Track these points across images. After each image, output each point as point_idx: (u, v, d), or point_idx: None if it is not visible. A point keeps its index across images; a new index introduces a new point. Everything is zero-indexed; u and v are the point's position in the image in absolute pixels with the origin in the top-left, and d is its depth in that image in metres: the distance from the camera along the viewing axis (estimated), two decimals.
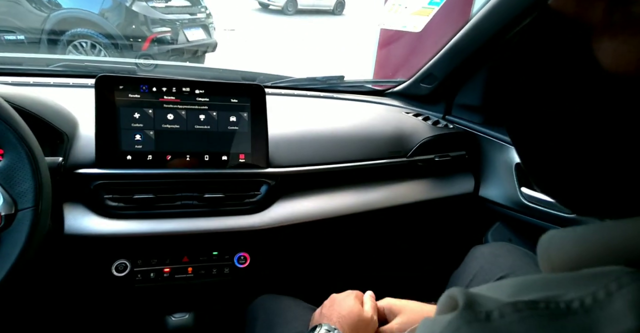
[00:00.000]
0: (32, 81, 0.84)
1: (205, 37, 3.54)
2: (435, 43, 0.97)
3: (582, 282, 0.17)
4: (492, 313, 0.17)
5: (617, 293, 0.16)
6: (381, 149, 0.93)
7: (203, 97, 0.75)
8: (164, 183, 0.72)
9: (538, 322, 0.16)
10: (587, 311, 0.16)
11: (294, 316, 0.72)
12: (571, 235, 0.22)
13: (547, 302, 0.17)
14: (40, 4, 3.09)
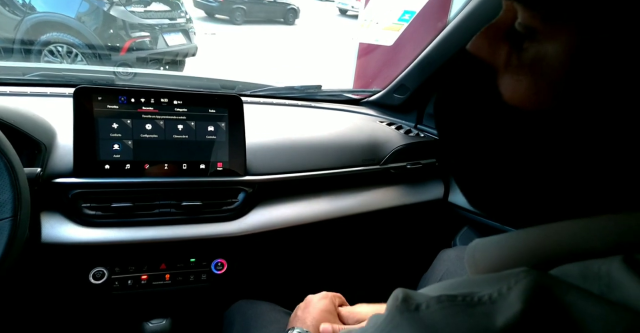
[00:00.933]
0: (8, 91, 0.85)
1: (185, 41, 3.52)
2: (412, 54, 1.02)
3: (495, 281, 0.21)
4: (420, 305, 0.21)
5: (515, 286, 0.19)
6: (355, 157, 0.96)
7: (181, 108, 0.77)
8: (142, 191, 0.74)
9: (454, 310, 0.20)
10: (493, 302, 0.19)
11: (270, 320, 0.74)
12: (491, 243, 0.26)
13: (464, 296, 0.20)
14: (13, 6, 3.02)
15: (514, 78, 0.24)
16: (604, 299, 0.18)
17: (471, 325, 0.19)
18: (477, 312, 0.19)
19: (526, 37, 0.24)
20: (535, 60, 0.23)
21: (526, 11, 0.23)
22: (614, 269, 0.18)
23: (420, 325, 0.20)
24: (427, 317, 0.20)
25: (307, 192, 0.90)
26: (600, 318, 0.17)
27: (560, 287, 0.19)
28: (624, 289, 0.18)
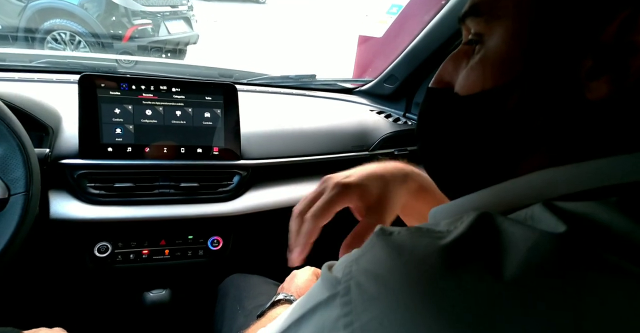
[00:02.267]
0: (17, 77, 0.90)
1: (187, 29, 3.54)
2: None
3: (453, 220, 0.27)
4: (393, 232, 0.27)
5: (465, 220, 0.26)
6: (345, 144, 1.01)
7: (179, 95, 0.82)
8: (143, 173, 0.79)
9: (417, 235, 0.26)
10: (448, 231, 0.26)
11: (261, 291, 0.80)
12: (450, 205, 0.33)
13: (428, 228, 0.27)
14: None
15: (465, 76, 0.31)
16: (526, 225, 0.24)
17: (427, 243, 0.25)
18: (434, 235, 0.25)
19: (476, 43, 0.31)
20: (482, 57, 0.30)
21: (474, 21, 0.30)
22: (537, 209, 0.25)
23: (389, 244, 0.26)
24: (397, 238, 0.26)
25: (299, 176, 0.96)
26: (520, 236, 0.23)
27: (499, 218, 0.25)
28: (539, 220, 0.24)
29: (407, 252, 0.25)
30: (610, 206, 0.23)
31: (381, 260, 0.26)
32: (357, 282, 0.25)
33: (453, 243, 0.24)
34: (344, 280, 0.26)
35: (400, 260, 0.25)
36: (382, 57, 1.12)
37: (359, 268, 0.26)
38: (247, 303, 0.78)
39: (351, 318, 0.24)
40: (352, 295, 0.25)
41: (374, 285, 0.24)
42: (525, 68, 0.28)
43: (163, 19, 3.31)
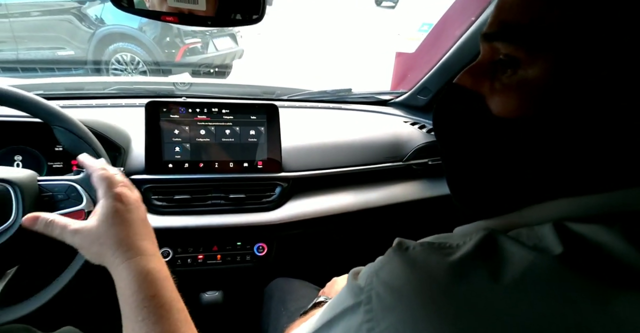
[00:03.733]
0: (94, 103, 1.04)
1: (233, 45, 3.76)
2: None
3: (462, 236, 0.31)
4: (409, 247, 0.31)
5: (473, 238, 0.29)
6: (380, 155, 1.07)
7: (228, 115, 0.92)
8: (198, 186, 0.90)
9: (430, 251, 0.30)
10: (457, 247, 0.29)
11: (303, 294, 0.87)
12: (469, 226, 0.36)
13: (440, 243, 0.31)
14: (88, 21, 3.42)
15: (503, 97, 0.32)
16: (525, 245, 0.27)
17: (437, 259, 0.29)
18: (444, 252, 0.29)
19: (509, 65, 0.31)
20: (521, 82, 0.30)
21: (510, 46, 0.31)
22: (546, 229, 0.28)
23: (405, 259, 0.30)
24: (412, 254, 0.31)
25: (336, 187, 1.02)
26: (519, 255, 0.27)
27: (503, 238, 0.28)
28: (545, 240, 0.27)
29: (420, 268, 0.29)
30: (613, 230, 0.26)
31: (397, 273, 0.30)
32: (377, 293, 0.30)
33: (459, 259, 0.28)
34: (366, 289, 0.31)
35: (413, 275, 0.29)
36: (416, 71, 1.17)
37: (379, 280, 0.31)
38: (290, 305, 0.84)
39: (372, 324, 0.29)
40: (373, 304, 0.30)
41: (390, 296, 0.29)
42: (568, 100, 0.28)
43: (211, 37, 3.54)
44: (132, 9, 0.68)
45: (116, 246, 0.47)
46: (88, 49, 3.38)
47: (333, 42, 6.68)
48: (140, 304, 0.43)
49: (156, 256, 0.49)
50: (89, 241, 0.48)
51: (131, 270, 0.45)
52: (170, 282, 0.48)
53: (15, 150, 0.86)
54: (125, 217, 0.49)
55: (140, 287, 0.44)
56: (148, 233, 0.51)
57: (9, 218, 0.61)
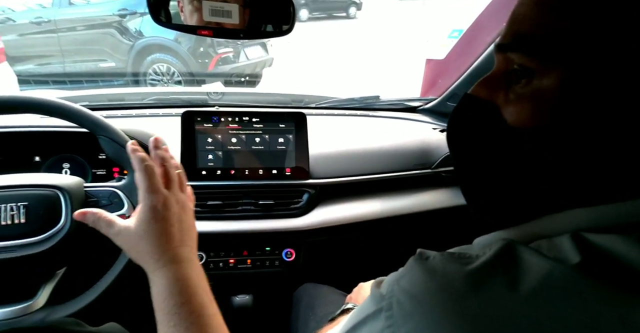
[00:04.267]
0: (134, 113, 1.11)
1: (263, 53, 3.86)
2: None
3: (482, 246, 0.32)
4: (429, 257, 0.32)
5: (492, 248, 0.30)
6: (408, 162, 1.06)
7: (258, 124, 0.95)
8: (229, 192, 0.93)
9: (449, 261, 0.31)
10: (476, 257, 0.30)
11: (331, 300, 0.88)
12: (489, 236, 0.37)
13: (459, 253, 0.31)
14: (128, 34, 3.63)
15: (517, 108, 0.33)
16: (544, 255, 0.28)
17: (456, 269, 0.30)
18: (463, 261, 0.30)
19: (523, 75, 0.32)
20: (535, 92, 0.32)
21: (524, 57, 0.31)
22: (564, 240, 0.28)
23: (425, 268, 0.31)
24: (431, 263, 0.31)
25: (363, 194, 1.03)
26: (536, 265, 0.27)
27: (521, 249, 0.29)
28: (564, 251, 0.28)
29: (439, 277, 0.30)
30: (630, 239, 0.26)
31: (417, 282, 0.31)
32: (397, 300, 0.31)
33: (477, 268, 0.29)
34: (387, 297, 0.32)
35: (433, 283, 0.30)
36: (446, 77, 1.16)
37: (400, 288, 0.32)
38: (318, 310, 0.85)
39: (393, 329, 0.30)
40: (393, 310, 0.31)
41: (410, 304, 0.30)
42: (582, 109, 0.29)
43: (243, 46, 3.65)
44: (170, 24, 0.72)
45: (151, 253, 0.48)
46: (128, 60, 3.57)
47: (360, 50, 6.70)
48: (171, 310, 0.45)
49: (191, 262, 0.50)
50: (129, 244, 0.50)
51: (163, 277, 0.47)
52: (202, 288, 0.48)
53: (64, 159, 0.93)
54: (163, 224, 0.49)
55: (171, 294, 0.46)
56: (185, 238, 0.51)
57: (59, 222, 0.66)
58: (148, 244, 0.48)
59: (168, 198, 0.51)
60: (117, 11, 3.67)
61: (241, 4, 0.70)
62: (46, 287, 0.67)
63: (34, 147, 0.91)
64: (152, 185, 0.50)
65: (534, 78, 0.31)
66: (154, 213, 0.49)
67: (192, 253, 0.52)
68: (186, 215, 0.53)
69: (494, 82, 0.35)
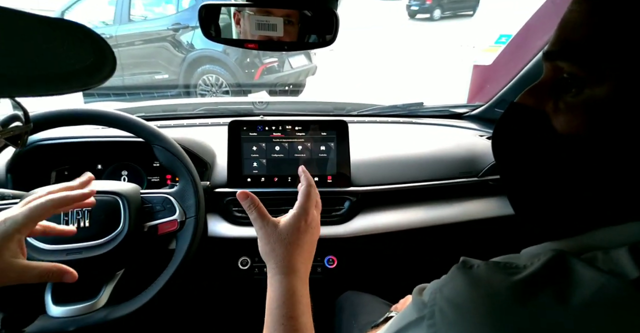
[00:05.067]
0: (185, 123, 1.17)
1: (307, 62, 3.93)
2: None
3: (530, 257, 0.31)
4: (473, 265, 0.32)
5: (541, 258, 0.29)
6: (453, 169, 1.03)
7: (301, 132, 0.98)
8: (273, 199, 0.95)
9: (494, 270, 0.30)
10: (523, 267, 0.29)
11: (373, 309, 0.87)
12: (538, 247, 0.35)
13: (505, 263, 0.31)
14: (181, 47, 3.85)
15: (568, 117, 0.32)
16: (598, 268, 0.27)
17: (501, 278, 0.29)
18: (509, 272, 0.30)
19: (573, 84, 0.31)
20: (587, 101, 0.31)
21: (574, 65, 0.31)
22: (621, 253, 0.27)
23: (468, 277, 0.31)
24: (476, 272, 0.31)
25: (406, 202, 1.01)
26: (590, 277, 0.26)
27: (574, 261, 0.28)
28: (621, 264, 0.27)
29: (483, 286, 0.30)
30: None
31: (461, 291, 0.31)
32: (440, 308, 0.31)
33: (525, 279, 0.28)
34: (429, 305, 0.32)
35: (476, 292, 0.29)
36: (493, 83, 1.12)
37: (442, 296, 0.32)
38: (361, 318, 0.85)
39: None
40: (436, 318, 0.31)
41: (453, 313, 0.30)
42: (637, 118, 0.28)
43: (287, 56, 3.75)
44: (219, 39, 0.76)
45: (281, 258, 0.53)
46: (180, 72, 3.79)
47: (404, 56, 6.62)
48: (280, 319, 0.49)
49: (305, 281, 0.55)
50: (266, 240, 0.55)
51: (282, 284, 0.51)
52: (309, 308, 0.53)
53: (123, 166, 1.00)
54: (301, 237, 0.55)
55: (284, 304, 0.50)
56: (309, 256, 0.57)
57: (118, 226, 0.71)
58: (282, 248, 0.53)
59: (315, 218, 0.58)
60: (171, 25, 3.91)
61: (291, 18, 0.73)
62: (107, 287, 0.72)
63: (97, 156, 0.99)
64: (308, 201, 0.59)
65: (585, 87, 0.30)
66: (300, 223, 0.56)
67: (307, 275, 0.57)
68: (316, 235, 0.59)
69: (542, 90, 0.34)
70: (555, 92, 0.33)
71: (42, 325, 0.66)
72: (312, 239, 0.57)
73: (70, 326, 0.67)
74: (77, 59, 0.25)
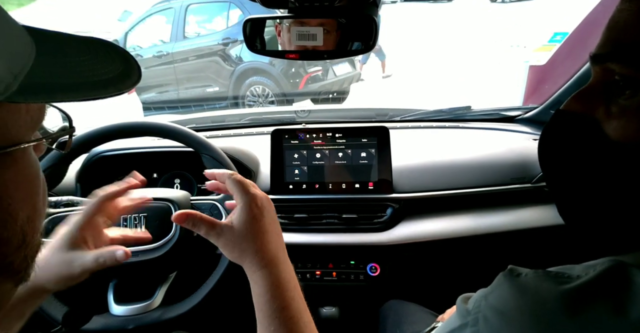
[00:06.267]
0: (232, 133, 1.23)
1: (351, 70, 3.95)
2: None
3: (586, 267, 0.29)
4: (521, 274, 0.31)
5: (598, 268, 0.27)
6: (503, 175, 0.98)
7: (341, 139, 0.98)
8: (314, 205, 0.97)
9: (544, 279, 0.29)
10: (577, 277, 0.28)
11: (418, 319, 0.85)
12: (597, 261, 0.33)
13: (557, 272, 0.29)
14: (230, 60, 4.05)
15: (622, 121, 0.30)
16: None
17: (550, 287, 0.28)
18: (559, 281, 0.28)
19: (627, 87, 0.30)
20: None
21: (626, 67, 0.30)
22: None
23: (515, 285, 0.30)
24: (523, 280, 0.30)
25: (453, 209, 0.98)
26: None
27: (635, 271, 0.26)
28: None
29: (530, 294, 0.28)
30: None
31: (506, 299, 0.30)
32: (484, 316, 0.30)
33: (577, 288, 0.26)
34: (473, 312, 0.32)
35: (522, 300, 0.28)
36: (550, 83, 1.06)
37: (487, 303, 0.31)
38: (405, 328, 0.84)
39: None
40: (479, 326, 0.30)
41: (498, 321, 0.29)
42: None
43: (331, 64, 3.80)
44: (263, 51, 0.79)
45: (253, 253, 0.49)
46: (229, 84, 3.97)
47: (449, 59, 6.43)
48: (272, 314, 0.47)
49: (287, 264, 0.51)
50: (232, 244, 0.50)
51: (266, 278, 0.48)
52: (299, 292, 0.50)
53: (176, 175, 1.07)
54: (262, 224, 0.50)
55: (273, 297, 0.47)
56: (280, 240, 0.53)
57: (170, 231, 0.75)
58: (250, 243, 0.49)
59: (261, 196, 0.52)
60: (221, 40, 4.12)
61: (327, 27, 0.75)
62: (161, 289, 0.77)
63: (153, 165, 1.06)
64: (245, 186, 0.51)
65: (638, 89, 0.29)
66: (252, 212, 0.50)
67: (286, 256, 0.53)
68: (274, 213, 0.54)
69: (592, 95, 0.33)
70: (607, 96, 0.32)
71: (105, 322, 0.72)
72: (273, 218, 0.52)
73: (130, 324, 0.72)
74: (110, 69, 0.29)
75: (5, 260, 0.28)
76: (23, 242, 0.29)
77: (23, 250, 0.30)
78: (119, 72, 0.29)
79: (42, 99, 0.28)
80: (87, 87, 0.27)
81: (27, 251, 0.30)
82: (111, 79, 0.29)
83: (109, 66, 0.29)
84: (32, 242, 0.31)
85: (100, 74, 0.28)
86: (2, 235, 0.28)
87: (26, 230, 0.29)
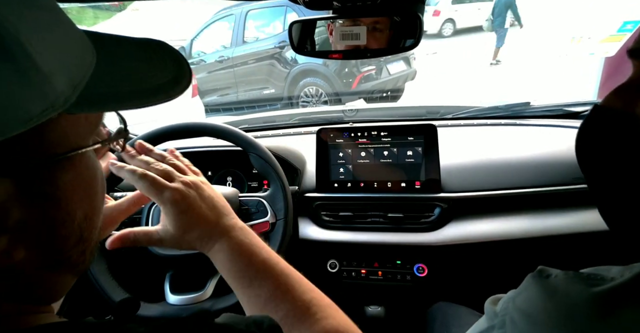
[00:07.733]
0: (281, 132, 1.27)
1: (406, 68, 3.86)
2: None
3: (621, 269, 0.27)
4: (551, 275, 0.30)
5: (633, 270, 0.26)
6: (564, 175, 0.91)
7: (386, 138, 0.97)
8: (359, 204, 0.97)
9: (575, 280, 0.28)
10: (611, 279, 0.26)
11: (467, 322, 0.82)
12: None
13: (589, 274, 0.28)
14: (285, 62, 4.17)
15: None
16: None
17: (580, 289, 0.27)
18: (591, 283, 0.27)
19: None
20: None
21: None
22: None
23: (543, 287, 0.29)
24: (552, 282, 0.29)
25: (506, 210, 0.92)
26: None
27: None
28: None
29: (559, 296, 0.27)
30: None
31: (534, 301, 0.29)
32: (511, 318, 0.30)
33: (609, 291, 0.25)
34: (500, 314, 0.31)
35: (550, 303, 0.28)
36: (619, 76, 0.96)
37: (514, 306, 0.30)
38: (454, 331, 0.81)
39: None
40: (506, 328, 0.30)
41: (525, 323, 0.28)
42: None
43: (385, 62, 3.75)
44: (308, 52, 0.82)
45: (199, 239, 0.49)
46: (285, 86, 4.09)
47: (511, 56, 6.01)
48: (237, 275, 0.47)
49: (240, 229, 0.51)
50: (176, 242, 0.50)
51: (220, 251, 0.49)
52: (260, 247, 0.49)
53: (228, 173, 1.13)
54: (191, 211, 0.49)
55: (232, 263, 0.48)
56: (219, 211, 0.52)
57: None
58: (191, 234, 0.49)
59: (179, 189, 0.50)
60: (278, 44, 4.26)
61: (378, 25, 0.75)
62: (212, 281, 0.82)
63: (208, 164, 1.13)
64: (158, 185, 0.49)
65: None
66: (177, 206, 0.49)
67: (234, 219, 0.53)
68: (205, 191, 0.53)
69: (633, 90, 0.32)
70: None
71: (162, 310, 0.78)
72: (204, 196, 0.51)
73: (184, 313, 0.78)
74: (162, 75, 0.29)
75: (64, 255, 0.30)
76: (80, 238, 0.30)
77: (81, 246, 0.31)
78: (170, 78, 0.29)
79: (97, 109, 0.28)
80: (140, 95, 0.27)
81: (84, 246, 0.31)
82: (162, 85, 0.29)
83: (161, 72, 0.29)
84: (90, 237, 0.32)
85: (153, 81, 0.28)
86: (61, 233, 0.28)
87: (84, 228, 0.30)
